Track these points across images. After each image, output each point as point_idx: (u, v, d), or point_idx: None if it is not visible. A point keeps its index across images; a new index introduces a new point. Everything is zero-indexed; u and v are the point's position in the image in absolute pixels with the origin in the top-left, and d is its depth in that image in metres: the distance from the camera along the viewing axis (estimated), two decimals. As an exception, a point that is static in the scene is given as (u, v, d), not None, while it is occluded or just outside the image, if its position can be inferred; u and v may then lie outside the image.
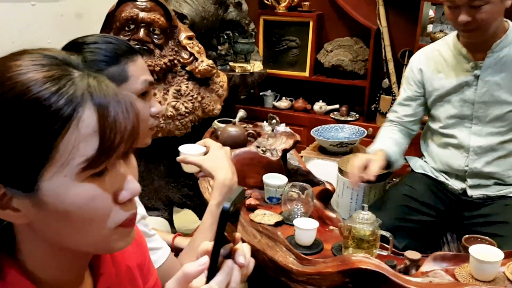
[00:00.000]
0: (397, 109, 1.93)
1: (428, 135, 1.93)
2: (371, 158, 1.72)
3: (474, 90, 1.71)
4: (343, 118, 3.38)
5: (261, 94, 3.74)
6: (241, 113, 2.12)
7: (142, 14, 2.10)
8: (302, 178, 1.83)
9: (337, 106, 3.53)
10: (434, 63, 1.81)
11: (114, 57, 1.00)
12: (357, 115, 3.45)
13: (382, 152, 1.77)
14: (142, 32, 2.11)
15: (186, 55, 2.28)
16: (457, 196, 1.79)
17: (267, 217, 1.56)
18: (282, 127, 2.08)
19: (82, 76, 0.58)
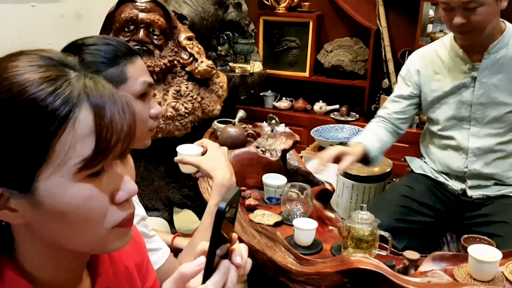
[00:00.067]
0: (388, 105, 1.91)
1: (427, 137, 1.93)
2: (347, 151, 1.69)
3: (472, 92, 1.70)
4: (343, 118, 3.38)
5: (261, 94, 3.74)
6: (240, 113, 2.13)
7: (142, 15, 2.10)
8: (301, 178, 1.83)
9: (337, 106, 3.53)
10: (431, 65, 1.80)
11: (113, 58, 1.01)
12: (357, 115, 3.45)
13: (360, 146, 1.75)
14: (141, 33, 2.11)
15: (185, 56, 2.29)
16: (456, 196, 1.79)
17: (267, 217, 1.56)
18: (282, 128, 2.08)
19: (79, 76, 0.58)
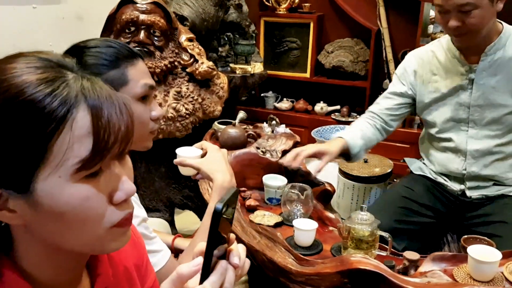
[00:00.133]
0: (380, 101, 1.89)
1: (425, 139, 1.92)
2: (323, 151, 1.69)
3: (469, 94, 1.69)
4: (344, 119, 3.38)
5: (262, 95, 3.75)
6: (241, 114, 2.13)
7: (143, 17, 2.11)
8: (302, 179, 1.83)
9: (338, 107, 3.53)
10: (429, 65, 1.79)
11: (114, 61, 1.01)
12: (358, 116, 3.42)
13: (340, 142, 1.75)
14: (142, 34, 2.12)
15: (186, 57, 2.29)
16: (456, 197, 1.78)
17: (267, 218, 1.56)
18: (282, 128, 2.08)
19: (76, 78, 0.59)
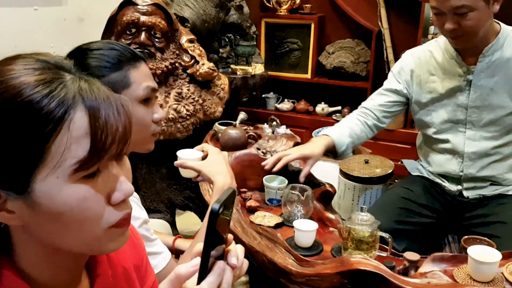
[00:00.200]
0: (374, 97, 1.88)
1: (422, 140, 1.91)
2: (307, 155, 1.71)
3: (467, 95, 1.68)
4: (345, 120, 3.38)
5: (263, 96, 3.75)
6: (241, 115, 2.13)
7: (143, 18, 2.11)
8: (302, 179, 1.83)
9: (339, 107, 3.53)
10: (426, 65, 1.78)
11: (117, 63, 1.01)
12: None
13: (325, 140, 1.78)
14: (143, 35, 2.13)
15: (187, 58, 2.30)
16: (453, 197, 1.78)
17: (267, 218, 1.56)
18: (283, 129, 2.08)
19: (74, 79, 0.59)
